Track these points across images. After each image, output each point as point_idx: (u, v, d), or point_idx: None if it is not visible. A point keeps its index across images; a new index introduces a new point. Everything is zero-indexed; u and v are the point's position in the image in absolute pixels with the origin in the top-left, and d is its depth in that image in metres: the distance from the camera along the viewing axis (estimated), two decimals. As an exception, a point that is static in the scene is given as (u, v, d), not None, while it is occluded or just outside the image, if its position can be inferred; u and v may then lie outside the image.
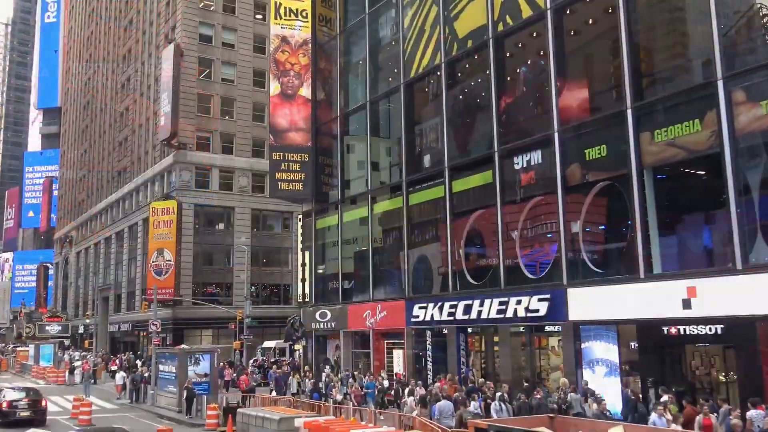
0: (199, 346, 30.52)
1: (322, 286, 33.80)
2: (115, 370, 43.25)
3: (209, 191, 55.45)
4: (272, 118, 35.02)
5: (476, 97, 25.70)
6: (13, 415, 24.32)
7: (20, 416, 24.47)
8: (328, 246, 33.83)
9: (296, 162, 34.42)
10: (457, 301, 24.44)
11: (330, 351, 33.22)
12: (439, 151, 26.86)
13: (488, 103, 24.05)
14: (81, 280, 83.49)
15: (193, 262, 53.98)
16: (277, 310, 56.92)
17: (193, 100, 55.25)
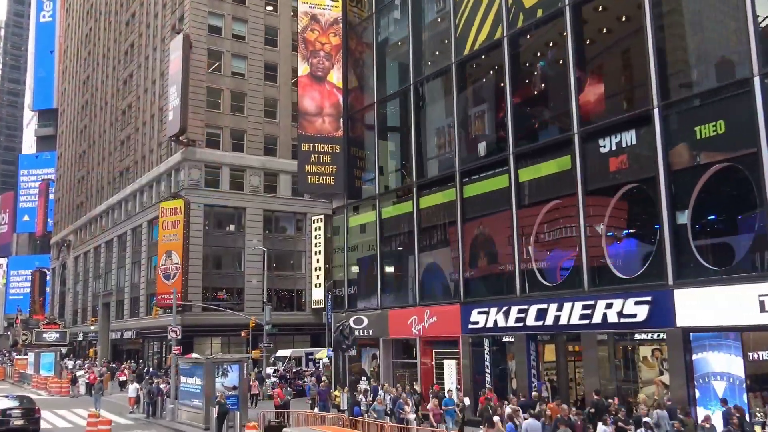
0: (227, 356, 27.45)
1: (357, 289, 30.80)
2: (124, 380, 40.01)
3: (219, 191, 52.36)
4: (301, 102, 32.07)
5: (547, 74, 22.84)
6: (6, 423, 24.07)
7: (13, 425, 24.19)
8: (362, 245, 30.85)
9: (326, 153, 31.49)
10: (528, 304, 21.52)
11: (365, 361, 30.19)
12: (500, 136, 24.00)
13: (564, 78, 21.19)
14: (80, 285, 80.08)
15: (202, 265, 50.82)
16: (290, 317, 53.96)
17: (202, 95, 52.23)
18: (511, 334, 22.22)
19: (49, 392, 42.63)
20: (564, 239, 21.12)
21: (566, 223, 21.00)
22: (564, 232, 21.13)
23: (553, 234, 21.55)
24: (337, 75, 32.07)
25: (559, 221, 21.43)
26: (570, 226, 20.75)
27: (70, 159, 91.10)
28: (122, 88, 69.15)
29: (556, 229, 21.48)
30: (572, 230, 20.60)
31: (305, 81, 32.07)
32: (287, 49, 57.10)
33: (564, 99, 21.17)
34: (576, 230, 20.33)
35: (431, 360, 26.14)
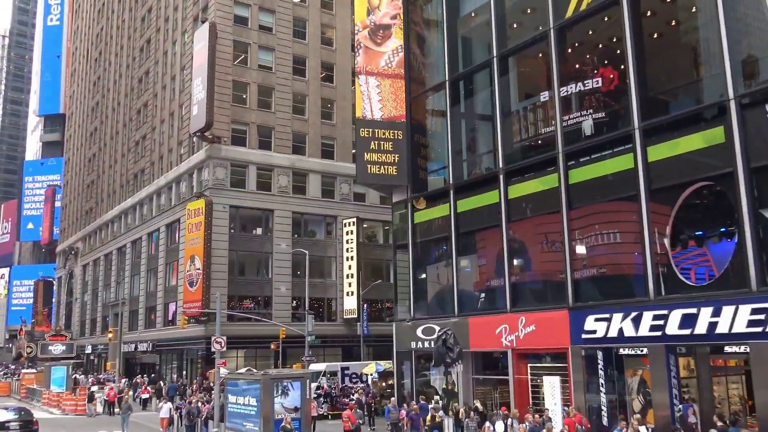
0: (289, 371, 23.53)
1: (426, 294, 26.97)
2: (146, 398, 36.01)
3: (246, 191, 48.58)
4: (356, 55, 28.49)
5: (685, 31, 19.16)
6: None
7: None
8: (431, 244, 27.06)
9: (388, 140, 27.81)
10: (667, 309, 17.70)
11: (435, 377, 26.26)
12: (615, 110, 20.31)
13: (711, 35, 17.52)
14: (88, 295, 76.08)
15: (228, 271, 46.92)
16: (320, 327, 49.71)
17: (227, 88, 48.61)
18: (644, 345, 18.34)
19: (63, 410, 38.60)
20: (715, 228, 17.32)
21: (719, 209, 17.23)
22: (716, 221, 17.35)
23: (701, 223, 17.75)
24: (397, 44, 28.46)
25: (706, 207, 17.66)
26: (725, 212, 16.98)
27: (78, 164, 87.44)
28: (137, 86, 65.60)
29: (703, 217, 17.69)
30: (729, 216, 16.83)
31: (365, 44, 28.62)
32: (316, 41, 53.66)
33: (711, 60, 17.48)
34: (736, 215, 16.55)
35: (526, 376, 22.24)
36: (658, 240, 18.42)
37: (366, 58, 28.60)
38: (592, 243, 20.57)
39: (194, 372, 48.06)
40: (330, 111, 53.46)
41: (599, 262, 20.38)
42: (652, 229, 18.53)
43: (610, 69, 20.53)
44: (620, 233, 19.88)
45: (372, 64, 28.41)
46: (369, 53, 28.62)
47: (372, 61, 28.46)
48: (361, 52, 28.76)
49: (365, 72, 28.31)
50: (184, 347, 48.88)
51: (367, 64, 28.46)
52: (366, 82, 28.20)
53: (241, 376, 22.58)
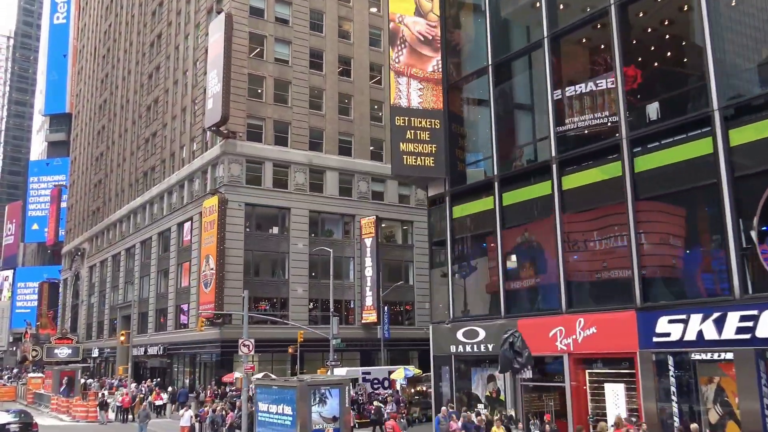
0: (325, 377, 21.62)
1: (466, 294, 25.14)
2: (160, 404, 34.18)
3: (262, 188, 46.81)
4: (394, 50, 26.69)
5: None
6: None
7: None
8: (473, 240, 25.24)
9: (425, 129, 26.04)
10: (758, 309, 15.87)
11: (478, 383, 24.41)
12: (685, 92, 18.51)
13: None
14: (95, 297, 74.36)
15: (243, 272, 45.11)
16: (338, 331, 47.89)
17: (243, 82, 46.89)
18: (730, 349, 16.49)
19: (73, 417, 36.81)
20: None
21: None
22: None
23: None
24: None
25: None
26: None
27: (85, 163, 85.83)
28: (147, 82, 63.96)
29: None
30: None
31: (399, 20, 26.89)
32: (333, 34, 51.96)
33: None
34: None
35: (584, 383, 20.37)
36: (744, 233, 16.58)
37: (411, 58, 26.72)
38: (660, 237, 18.74)
39: (207, 377, 46.24)
40: (347, 106, 51.73)
41: (672, 257, 18.54)
42: (736, 220, 16.71)
43: (679, 46, 18.74)
44: (695, 224, 18.05)
45: (417, 67, 26.56)
46: (414, 55, 26.76)
47: (417, 64, 26.60)
48: (405, 51, 26.84)
49: (409, 75, 26.44)
50: (196, 351, 47.08)
51: (412, 66, 26.58)
52: (408, 84, 26.39)
53: (273, 382, 20.77)
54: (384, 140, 52.81)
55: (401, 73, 26.64)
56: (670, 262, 18.67)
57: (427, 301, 54.15)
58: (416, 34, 26.96)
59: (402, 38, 26.96)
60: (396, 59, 26.84)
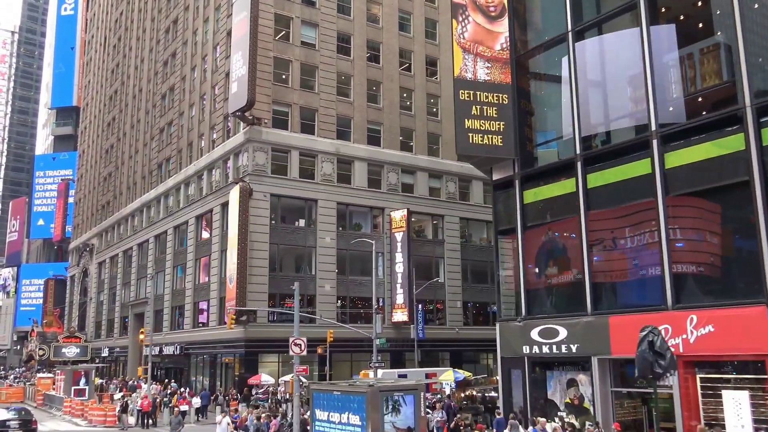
0: (395, 382, 18.78)
1: (541, 289, 22.41)
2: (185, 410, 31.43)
3: (288, 178, 44.09)
4: (458, 24, 23.95)
5: None
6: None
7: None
8: (549, 227, 22.50)
9: (492, 105, 23.33)
10: None
11: (555, 389, 21.66)
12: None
13: None
14: (104, 294, 71.64)
15: (269, 267, 42.40)
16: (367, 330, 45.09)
17: (268, 65, 44.19)
18: None
19: (90, 421, 34.08)
20: None
21: None
22: None
23: None
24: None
25: None
26: None
27: (93, 156, 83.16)
28: (162, 70, 61.29)
29: None
30: None
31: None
32: (362, 18, 49.26)
33: None
34: None
35: (695, 390, 17.64)
36: None
37: (476, 34, 23.99)
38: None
39: (229, 378, 43.53)
40: (376, 94, 49.02)
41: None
42: None
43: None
44: None
45: (485, 45, 23.82)
46: (479, 30, 24.04)
47: (485, 41, 23.87)
48: (470, 27, 24.10)
49: (476, 53, 23.69)
50: (217, 351, 44.36)
51: (478, 43, 23.83)
52: (474, 62, 23.65)
53: (335, 386, 18.07)
54: (414, 130, 50.16)
55: (467, 50, 23.90)
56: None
57: (459, 300, 51.65)
58: (481, 5, 24.23)
59: (465, 11, 24.25)
60: (461, 35, 24.10)
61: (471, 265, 51.26)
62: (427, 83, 51.55)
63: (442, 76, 52.36)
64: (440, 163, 50.70)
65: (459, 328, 49.03)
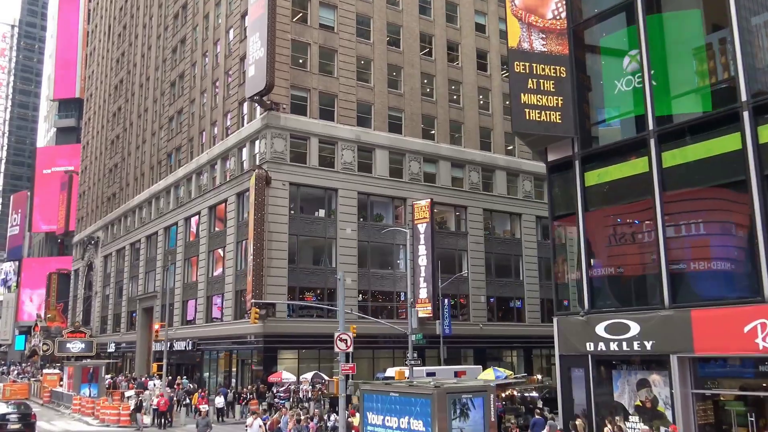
0: (460, 382, 16.70)
1: (606, 279, 20.42)
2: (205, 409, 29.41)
3: (307, 166, 42.09)
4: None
5: None
6: (3, 427, 26.39)
7: (10, 428, 26.56)
8: (614, 212, 20.50)
9: (549, 79, 21.31)
10: None
11: (622, 390, 19.66)
12: None
13: None
14: (110, 288, 69.65)
15: (288, 259, 40.41)
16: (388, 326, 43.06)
17: (286, 48, 42.17)
18: None
19: (102, 420, 32.13)
20: None
21: None
22: None
23: None
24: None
25: None
26: None
27: (98, 148, 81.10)
28: (170, 57, 59.20)
29: None
30: None
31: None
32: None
33: None
34: None
35: (797, 392, 15.69)
36: None
37: (527, 0, 22.00)
38: None
39: (246, 375, 41.62)
40: (396, 79, 46.98)
41: None
42: None
43: None
44: None
45: (536, 15, 21.79)
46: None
47: (536, 8, 21.83)
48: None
49: (528, 22, 21.63)
50: (233, 347, 42.41)
51: (530, 12, 21.79)
52: (529, 32, 21.63)
53: (392, 387, 16.09)
54: (436, 117, 48.14)
55: (521, 18, 21.87)
56: None
57: (483, 294, 49.62)
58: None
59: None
60: (513, 2, 22.06)
61: (495, 258, 49.33)
62: (448, 69, 49.51)
63: (464, 61, 50.37)
64: (463, 152, 48.70)
65: (483, 324, 47.09)
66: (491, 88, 51.50)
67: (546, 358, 51.00)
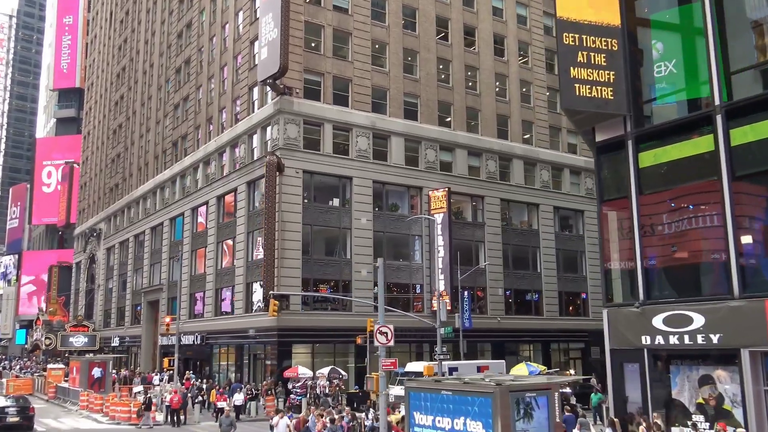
0: (524, 380, 15.30)
1: (662, 268, 18.92)
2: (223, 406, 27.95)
3: (321, 154, 40.49)
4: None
5: None
6: (2, 420, 26.81)
7: (9, 421, 26.96)
8: (673, 194, 18.98)
9: (600, 51, 19.73)
10: None
11: (682, 387, 18.19)
12: None
13: None
14: (113, 281, 68.07)
15: (302, 249, 38.87)
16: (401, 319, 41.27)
17: (299, 30, 40.52)
18: None
19: (112, 418, 30.61)
20: None
21: None
22: None
23: None
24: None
25: None
26: None
27: (100, 138, 79.35)
28: (176, 42, 57.46)
29: None
30: None
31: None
32: (397, -19, 45.54)
33: None
34: None
35: None
36: None
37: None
38: None
39: (258, 370, 40.15)
40: (412, 64, 45.33)
41: None
42: None
43: None
44: None
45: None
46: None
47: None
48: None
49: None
50: (245, 341, 40.88)
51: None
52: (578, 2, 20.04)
53: (444, 384, 14.60)
54: (452, 104, 46.53)
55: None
56: None
57: (500, 287, 48.09)
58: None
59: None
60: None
61: (512, 250, 47.83)
62: (465, 54, 47.86)
63: (481, 46, 48.73)
64: (480, 140, 47.11)
65: (501, 317, 45.60)
66: (508, 74, 49.84)
67: (564, 352, 49.59)
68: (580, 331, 48.94)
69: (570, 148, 52.22)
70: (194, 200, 49.99)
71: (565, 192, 51.13)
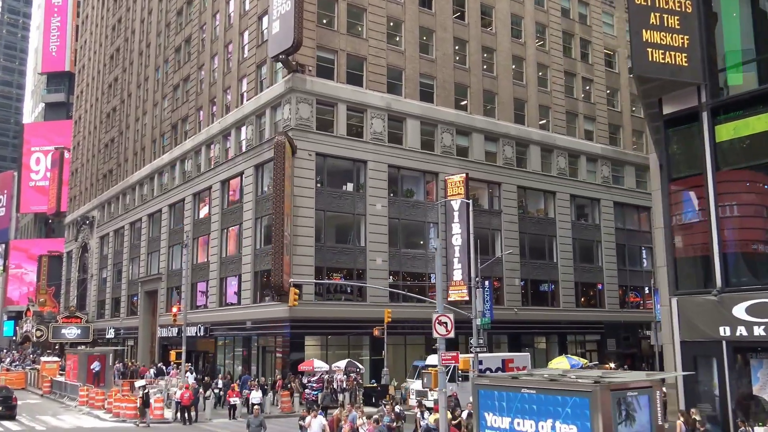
0: (624, 377, 13.51)
1: (751, 253, 17.12)
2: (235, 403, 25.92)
3: (334, 135, 38.43)
4: None
5: None
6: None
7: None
8: (758, 171, 17.17)
9: (673, 14, 17.79)
10: None
11: (765, 382, 16.45)
12: None
13: None
14: (107, 270, 65.63)
15: (315, 236, 36.85)
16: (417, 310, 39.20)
17: (312, 4, 38.34)
18: None
19: (116, 414, 28.49)
20: None
21: None
22: None
23: None
24: None
25: None
26: None
27: (92, 122, 76.61)
28: (175, 20, 54.99)
29: None
30: None
31: None
32: (412, -44, 43.38)
33: None
34: None
35: None
36: None
37: None
38: None
39: (269, 364, 38.12)
40: (428, 44, 43.30)
41: None
42: None
43: None
44: None
45: None
46: None
47: None
48: None
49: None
50: (254, 333, 38.85)
51: None
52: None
53: (522, 381, 12.71)
54: (469, 86, 44.55)
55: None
56: None
57: (517, 277, 46.30)
58: None
59: None
60: None
61: (528, 239, 46.06)
62: (482, 35, 45.86)
63: (498, 27, 46.75)
64: (497, 125, 45.22)
65: (518, 308, 43.84)
66: (526, 57, 47.91)
67: (581, 344, 47.93)
68: (596, 322, 47.40)
69: (587, 134, 50.45)
70: (196, 185, 47.73)
71: (582, 180, 49.40)
